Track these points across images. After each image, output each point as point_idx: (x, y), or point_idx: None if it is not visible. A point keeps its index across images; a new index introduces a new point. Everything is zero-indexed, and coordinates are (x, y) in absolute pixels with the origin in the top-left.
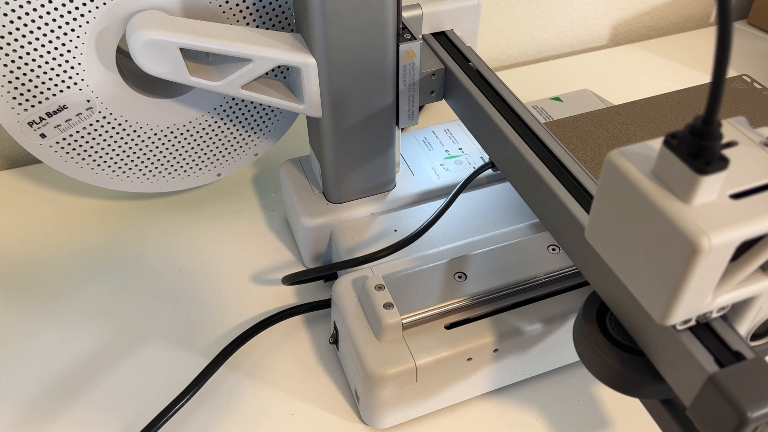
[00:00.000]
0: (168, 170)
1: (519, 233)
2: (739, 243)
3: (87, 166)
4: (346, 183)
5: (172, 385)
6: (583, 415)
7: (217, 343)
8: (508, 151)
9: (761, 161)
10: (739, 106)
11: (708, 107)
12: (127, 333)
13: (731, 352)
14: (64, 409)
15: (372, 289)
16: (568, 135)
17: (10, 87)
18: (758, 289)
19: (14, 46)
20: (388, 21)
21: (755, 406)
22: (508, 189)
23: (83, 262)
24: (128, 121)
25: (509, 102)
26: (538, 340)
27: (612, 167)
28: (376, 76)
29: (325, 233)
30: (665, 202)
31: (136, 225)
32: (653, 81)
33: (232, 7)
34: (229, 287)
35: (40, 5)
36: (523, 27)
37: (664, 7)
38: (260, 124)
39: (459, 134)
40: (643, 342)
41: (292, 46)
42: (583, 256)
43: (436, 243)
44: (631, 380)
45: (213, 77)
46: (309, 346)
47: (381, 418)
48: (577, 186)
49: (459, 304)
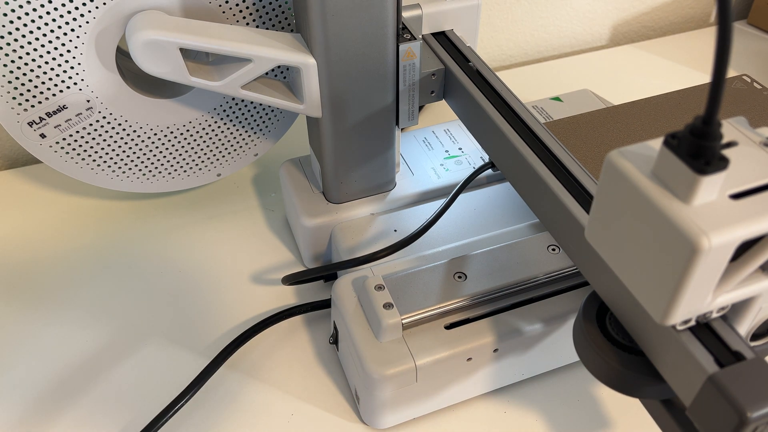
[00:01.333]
0: (168, 170)
1: (519, 233)
2: (739, 243)
3: (87, 166)
4: (346, 183)
5: (172, 385)
6: (583, 415)
7: (217, 343)
8: (508, 151)
9: (761, 161)
10: (739, 106)
11: (708, 107)
12: (127, 333)
13: (731, 352)
14: (65, 409)
15: (372, 289)
16: (568, 135)
17: (10, 87)
18: (758, 289)
19: (14, 46)
20: (388, 21)
21: (755, 406)
22: (508, 189)
23: (83, 262)
24: (128, 121)
25: (509, 102)
26: (538, 340)
27: (612, 167)
28: (376, 76)
29: (325, 233)
30: (665, 202)
31: (136, 225)
32: (653, 81)
33: (232, 7)
34: (229, 287)
35: (40, 5)
36: (523, 27)
37: (664, 7)
38: (260, 124)
39: (459, 134)
40: (643, 342)
41: (292, 46)
42: (583, 256)
43: (436, 243)
44: (631, 380)
45: (213, 77)
46: (309, 346)
47: (381, 418)
48: (577, 186)
49: (459, 304)
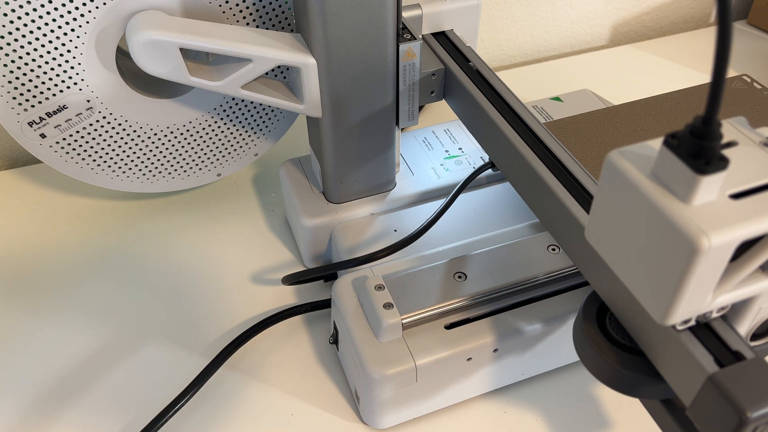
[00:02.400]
0: (168, 170)
1: (519, 233)
2: (738, 243)
3: (87, 166)
4: (346, 183)
5: (172, 385)
6: (583, 415)
7: (217, 343)
8: (508, 151)
9: (761, 161)
10: (739, 106)
11: (708, 107)
12: (127, 333)
13: (731, 352)
14: (65, 409)
15: (372, 289)
16: (568, 135)
17: (10, 87)
18: (758, 289)
19: (14, 46)
20: (388, 21)
21: (755, 406)
22: (508, 189)
23: (83, 262)
24: (128, 121)
25: (509, 102)
26: (538, 340)
27: (612, 167)
28: (376, 76)
29: (325, 233)
30: (665, 202)
31: (136, 225)
32: (653, 81)
33: (232, 7)
34: (229, 287)
35: (40, 5)
36: (523, 27)
37: (664, 7)
38: (260, 124)
39: (459, 134)
40: (643, 342)
41: (292, 46)
42: (583, 256)
43: (436, 243)
44: (630, 380)
45: (213, 77)
46: (309, 346)
47: (381, 418)
48: (577, 186)
49: (459, 304)
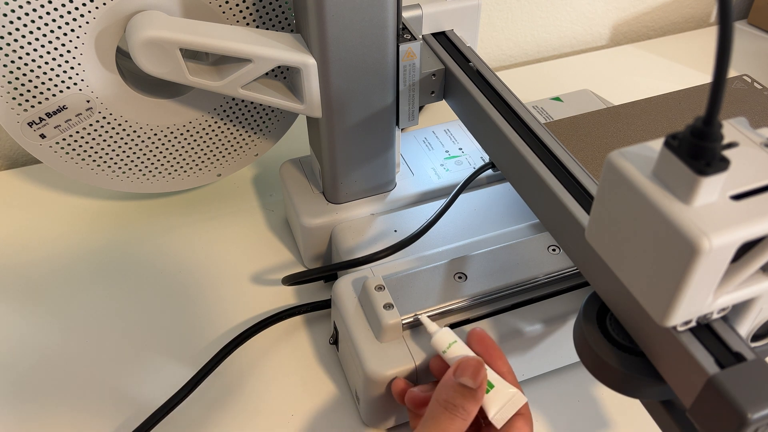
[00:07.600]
0: (168, 170)
1: (519, 233)
2: (739, 244)
3: (87, 166)
4: (346, 183)
5: (172, 385)
6: (583, 415)
7: (216, 342)
8: (508, 151)
9: (762, 162)
10: (739, 107)
11: (708, 108)
12: (127, 332)
13: (732, 353)
14: (64, 408)
15: (372, 289)
16: (568, 135)
17: (10, 87)
18: (759, 290)
19: (14, 46)
20: (388, 21)
21: (756, 407)
22: (508, 189)
23: (83, 262)
24: (128, 122)
25: (509, 102)
26: (538, 341)
27: (612, 168)
28: (376, 76)
29: (325, 233)
30: (665, 203)
31: (136, 225)
32: (653, 81)
33: (232, 7)
34: (229, 287)
35: (40, 5)
36: (523, 27)
37: (664, 7)
38: (260, 124)
39: (459, 134)
40: (644, 343)
41: (292, 46)
42: (583, 256)
43: (436, 243)
44: (631, 381)
45: (213, 77)
46: (309, 346)
47: (381, 418)
48: (577, 186)
49: (459, 304)
